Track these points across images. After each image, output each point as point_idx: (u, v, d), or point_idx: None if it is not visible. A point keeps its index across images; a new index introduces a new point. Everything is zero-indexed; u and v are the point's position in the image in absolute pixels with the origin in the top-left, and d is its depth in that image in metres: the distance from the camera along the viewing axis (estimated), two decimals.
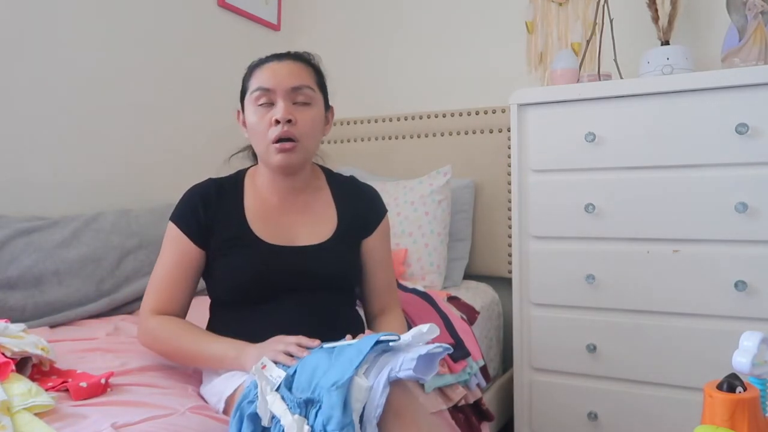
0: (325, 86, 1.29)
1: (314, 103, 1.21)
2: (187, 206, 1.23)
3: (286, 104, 1.17)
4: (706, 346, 1.66)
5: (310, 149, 1.22)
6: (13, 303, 1.45)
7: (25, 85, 1.73)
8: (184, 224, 1.21)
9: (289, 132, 1.16)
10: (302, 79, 1.20)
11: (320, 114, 1.24)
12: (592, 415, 1.81)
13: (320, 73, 1.28)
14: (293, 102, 1.18)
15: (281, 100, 1.17)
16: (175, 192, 2.12)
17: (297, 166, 1.22)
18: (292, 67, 1.20)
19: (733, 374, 0.87)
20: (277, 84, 1.17)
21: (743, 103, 1.61)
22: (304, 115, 1.18)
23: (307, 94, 1.19)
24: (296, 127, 1.17)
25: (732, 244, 1.64)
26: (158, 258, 1.24)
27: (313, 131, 1.21)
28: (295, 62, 1.22)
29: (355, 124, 2.59)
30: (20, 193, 1.71)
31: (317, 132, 1.23)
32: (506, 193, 2.26)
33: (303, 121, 1.18)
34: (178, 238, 1.21)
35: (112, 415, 0.93)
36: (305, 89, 1.19)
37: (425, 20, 2.53)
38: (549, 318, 1.88)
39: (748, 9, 1.73)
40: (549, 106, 1.85)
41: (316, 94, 1.22)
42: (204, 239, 1.21)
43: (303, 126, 1.18)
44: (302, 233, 1.24)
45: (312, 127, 1.20)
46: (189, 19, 2.25)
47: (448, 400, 1.51)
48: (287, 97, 1.18)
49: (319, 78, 1.26)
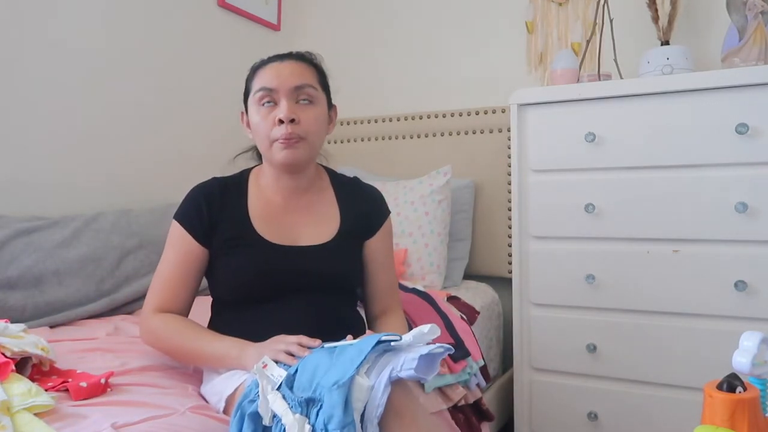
0: (328, 85, 1.29)
1: (317, 102, 1.22)
2: (190, 205, 1.23)
3: (289, 104, 1.17)
4: (706, 346, 1.66)
5: (314, 147, 1.23)
6: (13, 303, 1.45)
7: (25, 85, 1.73)
8: (188, 223, 1.22)
9: (293, 132, 1.17)
10: (305, 78, 1.20)
11: (323, 113, 1.24)
12: (592, 415, 1.81)
13: (322, 73, 1.28)
14: (296, 101, 1.19)
15: (284, 99, 1.17)
16: (175, 192, 2.13)
17: (301, 164, 1.22)
18: (295, 66, 1.21)
19: (733, 374, 0.87)
20: (280, 84, 1.18)
21: (743, 103, 1.61)
22: (307, 114, 1.19)
23: (310, 93, 1.20)
24: (300, 126, 1.17)
25: (732, 244, 1.64)
26: (162, 257, 1.24)
27: (317, 129, 1.21)
28: (297, 62, 1.22)
29: (355, 124, 2.59)
30: (20, 193, 1.71)
31: (321, 130, 1.24)
32: (506, 193, 2.26)
33: (306, 120, 1.18)
34: (181, 237, 1.22)
35: (112, 415, 0.93)
36: (308, 88, 1.20)
37: (425, 20, 2.53)
38: (549, 318, 1.88)
39: (748, 9, 1.73)
40: (549, 106, 1.85)
41: (318, 93, 1.22)
42: (207, 238, 1.21)
43: (307, 124, 1.18)
44: (305, 233, 1.24)
45: (316, 125, 1.20)
46: (189, 19, 2.25)
47: (448, 400, 1.51)
48: (290, 97, 1.18)
49: (322, 77, 1.27)
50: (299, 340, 1.03)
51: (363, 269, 1.33)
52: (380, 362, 0.91)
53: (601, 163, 1.78)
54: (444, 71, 2.50)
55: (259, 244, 1.20)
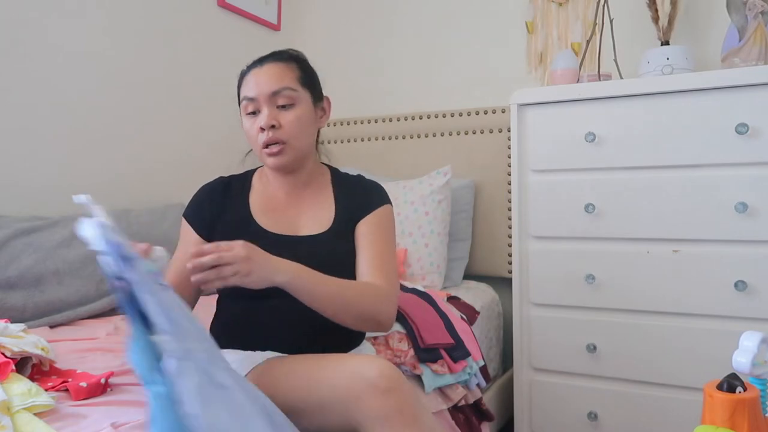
0: (312, 80, 1.28)
1: (298, 102, 1.22)
2: (195, 202, 1.29)
3: (269, 110, 1.20)
4: (706, 346, 1.66)
5: (300, 147, 1.24)
6: (13, 303, 1.45)
7: (25, 85, 1.73)
8: (192, 218, 1.27)
9: (274, 137, 1.20)
10: (282, 81, 1.21)
11: (306, 111, 1.24)
12: (592, 415, 1.81)
13: (305, 68, 1.27)
14: (277, 105, 1.21)
15: (265, 106, 1.21)
16: (175, 192, 2.14)
17: (291, 165, 1.25)
18: (273, 70, 1.22)
19: (733, 374, 0.87)
20: (259, 92, 1.21)
21: (743, 103, 1.61)
22: (287, 117, 1.21)
23: (288, 95, 1.21)
24: (281, 131, 1.20)
25: (732, 244, 1.64)
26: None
27: (299, 130, 1.22)
28: (276, 63, 1.24)
29: (355, 124, 2.59)
30: (20, 193, 1.71)
31: (305, 129, 1.24)
32: (506, 193, 2.26)
33: (287, 123, 1.21)
34: (187, 233, 1.26)
35: (112, 415, 0.93)
36: (285, 91, 1.21)
37: (426, 20, 2.53)
38: (549, 318, 1.88)
39: (748, 9, 1.73)
40: (549, 106, 1.85)
41: (299, 93, 1.23)
42: (209, 233, 1.25)
43: (287, 128, 1.21)
44: (304, 224, 1.27)
45: (297, 127, 1.22)
46: (189, 19, 2.25)
47: (448, 400, 1.51)
48: (270, 103, 1.21)
49: (304, 73, 1.26)
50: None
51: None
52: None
53: (601, 163, 1.78)
54: (444, 71, 2.49)
55: (259, 234, 1.23)
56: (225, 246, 0.98)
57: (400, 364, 1.43)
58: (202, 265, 0.95)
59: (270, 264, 1.02)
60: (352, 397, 0.93)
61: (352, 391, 0.93)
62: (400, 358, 1.44)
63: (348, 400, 0.94)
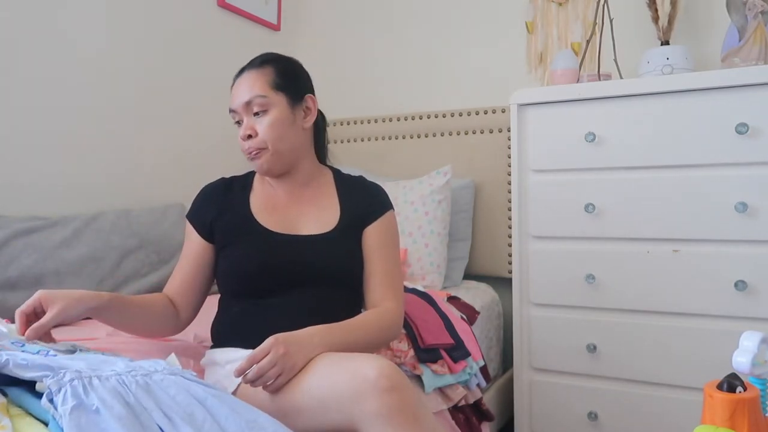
0: (288, 81, 1.27)
1: (271, 107, 1.23)
2: (196, 203, 1.32)
3: (247, 119, 1.24)
4: (706, 346, 1.66)
5: (282, 150, 1.24)
6: (13, 303, 1.45)
7: (25, 85, 1.73)
8: (193, 219, 1.30)
9: (253, 146, 1.23)
10: (252, 90, 1.23)
11: (280, 114, 1.23)
12: (592, 415, 1.81)
13: (281, 70, 1.27)
14: (253, 113, 1.24)
15: (244, 116, 1.25)
16: (175, 192, 2.14)
17: (279, 169, 1.27)
18: (246, 80, 1.25)
19: (733, 374, 0.87)
20: (236, 104, 1.25)
21: (743, 103, 1.61)
22: (261, 125, 1.23)
23: (259, 102, 1.22)
24: (257, 139, 1.23)
25: (732, 244, 1.64)
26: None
27: (276, 135, 1.23)
28: (249, 72, 1.26)
29: (355, 124, 2.59)
30: (20, 193, 1.71)
31: (283, 132, 1.24)
32: (506, 193, 2.26)
33: (261, 131, 1.23)
34: (190, 234, 1.30)
35: None
36: (256, 99, 1.22)
37: (426, 20, 2.53)
38: (549, 318, 1.88)
39: (748, 9, 1.73)
40: (549, 106, 1.85)
41: (270, 98, 1.23)
42: (210, 232, 1.27)
43: (263, 135, 1.23)
44: (306, 224, 1.27)
45: (272, 132, 1.23)
46: (189, 19, 2.25)
47: (448, 400, 1.51)
48: (247, 112, 1.24)
49: (278, 76, 1.25)
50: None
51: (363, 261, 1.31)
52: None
53: (601, 163, 1.78)
54: (444, 71, 2.50)
55: (260, 233, 1.24)
56: (259, 353, 1.01)
57: (400, 364, 1.43)
58: (249, 381, 1.00)
59: (304, 346, 1.05)
60: (353, 396, 0.93)
61: (353, 391, 0.93)
62: (400, 358, 1.44)
63: (348, 399, 0.94)
